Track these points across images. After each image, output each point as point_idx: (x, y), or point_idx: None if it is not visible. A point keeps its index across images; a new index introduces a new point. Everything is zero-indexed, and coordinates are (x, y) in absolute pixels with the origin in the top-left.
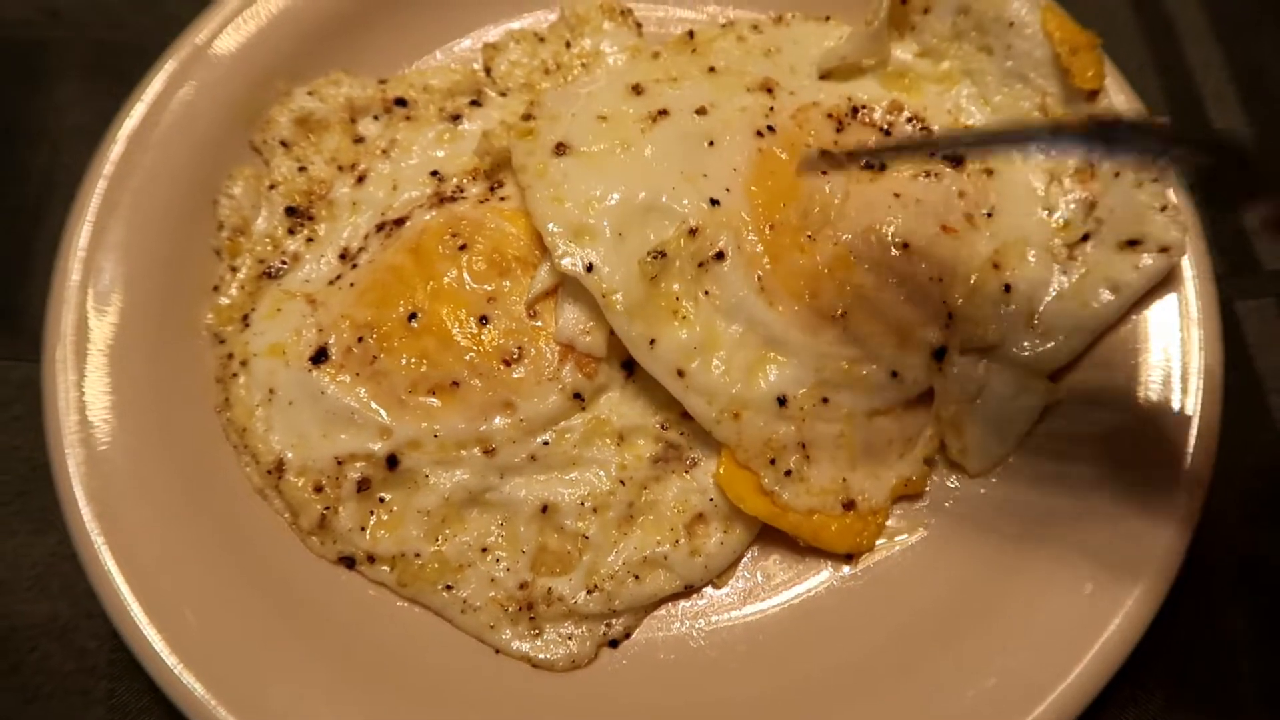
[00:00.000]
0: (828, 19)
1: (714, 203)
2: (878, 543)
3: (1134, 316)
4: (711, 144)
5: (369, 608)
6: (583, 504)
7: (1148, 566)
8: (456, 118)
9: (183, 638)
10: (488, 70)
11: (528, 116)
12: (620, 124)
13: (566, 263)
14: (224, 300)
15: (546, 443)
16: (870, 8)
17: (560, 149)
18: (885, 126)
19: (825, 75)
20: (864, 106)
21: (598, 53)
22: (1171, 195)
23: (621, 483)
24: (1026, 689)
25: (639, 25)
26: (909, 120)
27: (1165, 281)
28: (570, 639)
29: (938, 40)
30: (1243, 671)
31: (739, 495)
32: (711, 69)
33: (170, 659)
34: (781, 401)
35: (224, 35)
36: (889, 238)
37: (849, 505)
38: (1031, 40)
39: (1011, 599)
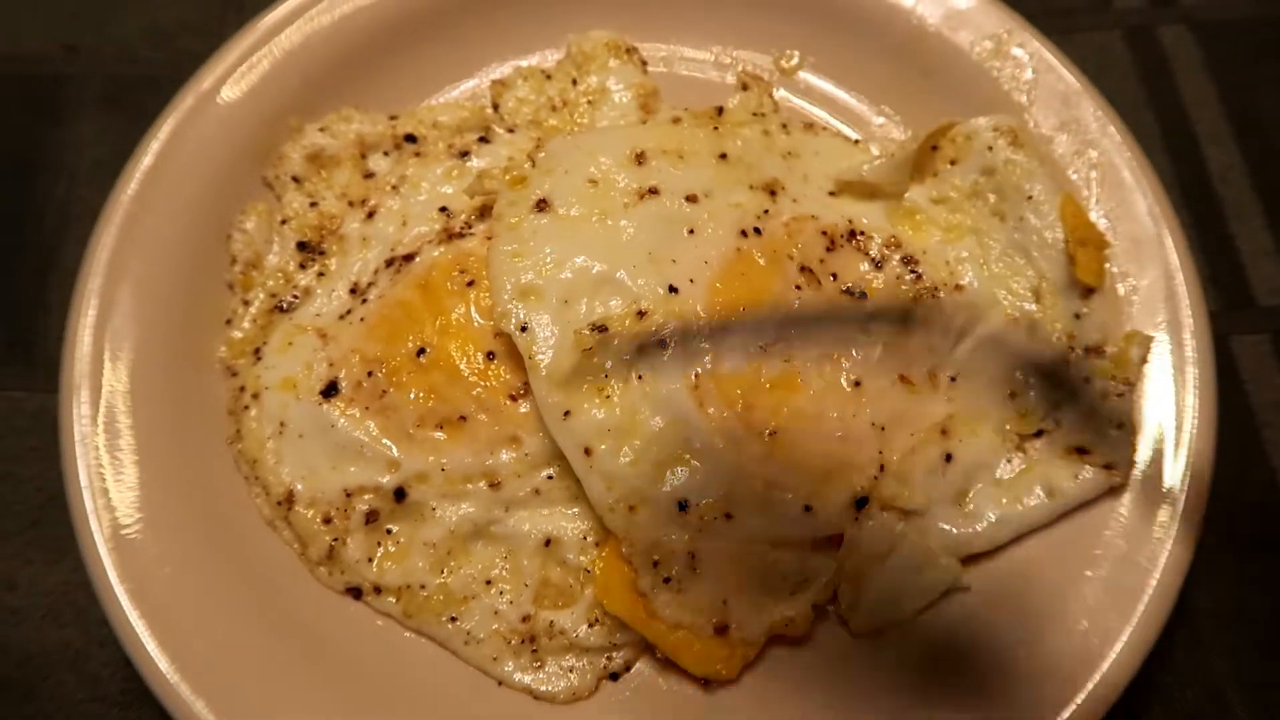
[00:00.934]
0: (858, 142)
1: (672, 290)
2: None
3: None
4: (691, 232)
5: (377, 638)
6: (585, 538)
7: (1141, 603)
8: (465, 154)
9: (194, 666)
10: (495, 107)
11: (537, 148)
12: (608, 192)
13: (504, 322)
14: (236, 334)
15: (551, 477)
16: (900, 142)
17: (541, 206)
18: (878, 259)
19: (835, 192)
20: (862, 233)
21: (604, 89)
22: (1130, 414)
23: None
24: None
25: (644, 63)
26: (903, 260)
27: (1160, 319)
28: (571, 671)
29: (956, 194)
30: (1236, 708)
31: (608, 588)
32: (723, 155)
33: (182, 687)
34: (682, 506)
35: (236, 74)
36: (844, 371)
37: (721, 629)
38: (1045, 219)
39: (1006, 635)
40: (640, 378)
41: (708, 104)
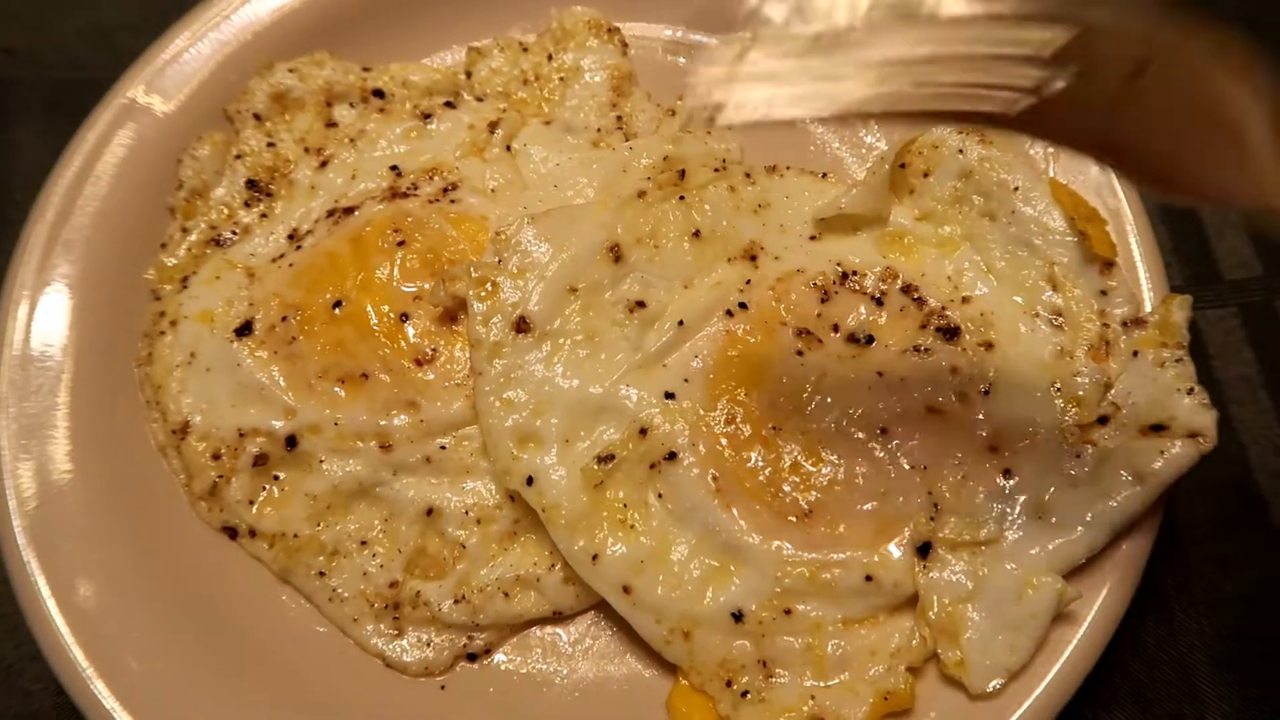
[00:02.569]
0: (825, 175)
1: (669, 396)
2: None
3: None
4: (681, 324)
5: (312, 645)
6: (467, 513)
7: (1105, 588)
8: (428, 116)
9: (123, 682)
10: (468, 74)
11: (493, 126)
12: (592, 303)
13: (507, 480)
14: (169, 260)
15: (444, 447)
16: (869, 168)
17: (523, 326)
18: (877, 295)
19: (817, 235)
20: (855, 272)
21: (577, 68)
22: (1195, 376)
23: (511, 498)
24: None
25: (625, 45)
26: (903, 289)
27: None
28: (429, 645)
29: (939, 205)
30: (1205, 690)
31: None
32: (696, 233)
33: (110, 701)
34: (738, 617)
35: (172, 69)
36: (867, 423)
37: None
38: (1038, 206)
39: None
40: (660, 496)
41: (675, 90)
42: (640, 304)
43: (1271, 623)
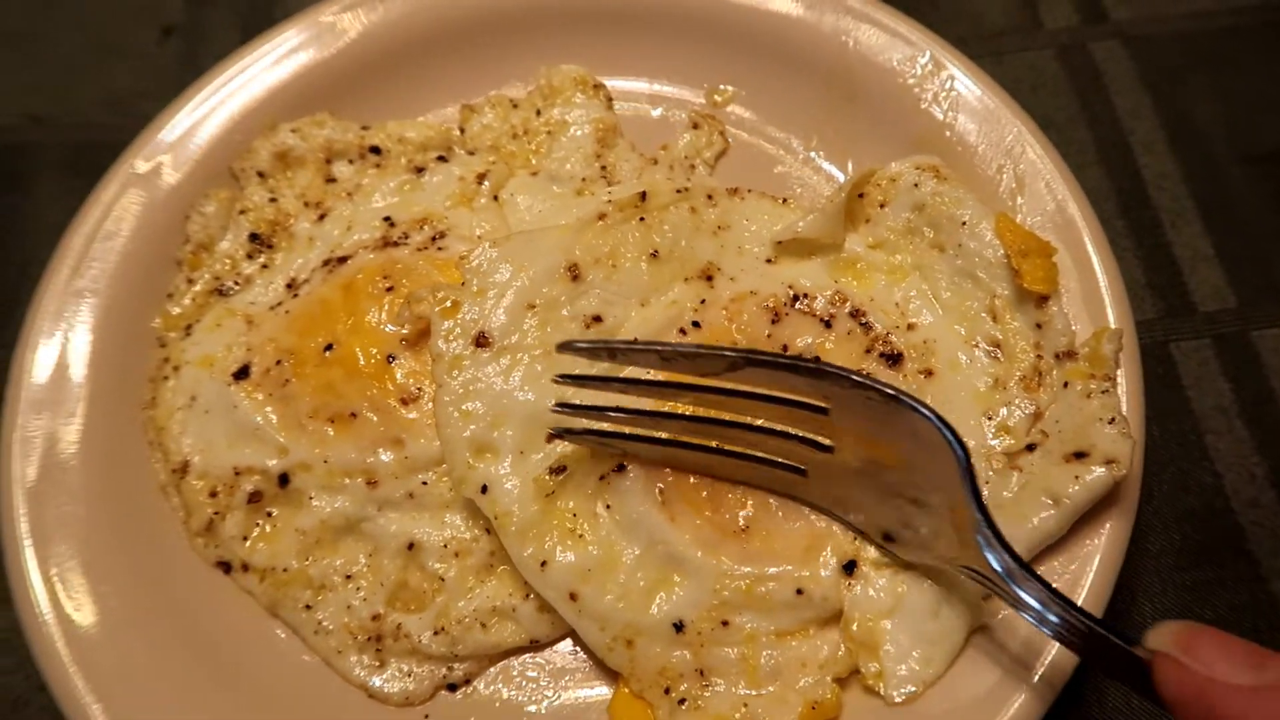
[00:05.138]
0: (785, 201)
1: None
2: None
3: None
4: (635, 340)
5: (301, 675)
6: (446, 546)
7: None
8: (421, 170)
9: (121, 711)
10: (461, 130)
11: (481, 178)
12: (549, 318)
13: (462, 487)
14: (175, 309)
15: (425, 483)
16: (829, 195)
17: (482, 341)
18: (826, 318)
19: (773, 259)
20: (806, 295)
21: (563, 122)
22: (1119, 408)
23: (487, 531)
24: None
25: (610, 99)
26: (851, 313)
27: (1086, 325)
28: (410, 676)
29: (892, 235)
30: None
31: None
32: (655, 253)
33: None
34: (678, 627)
35: (185, 131)
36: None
37: None
38: (982, 241)
39: None
40: (609, 506)
41: (658, 141)
42: (597, 319)
43: None
